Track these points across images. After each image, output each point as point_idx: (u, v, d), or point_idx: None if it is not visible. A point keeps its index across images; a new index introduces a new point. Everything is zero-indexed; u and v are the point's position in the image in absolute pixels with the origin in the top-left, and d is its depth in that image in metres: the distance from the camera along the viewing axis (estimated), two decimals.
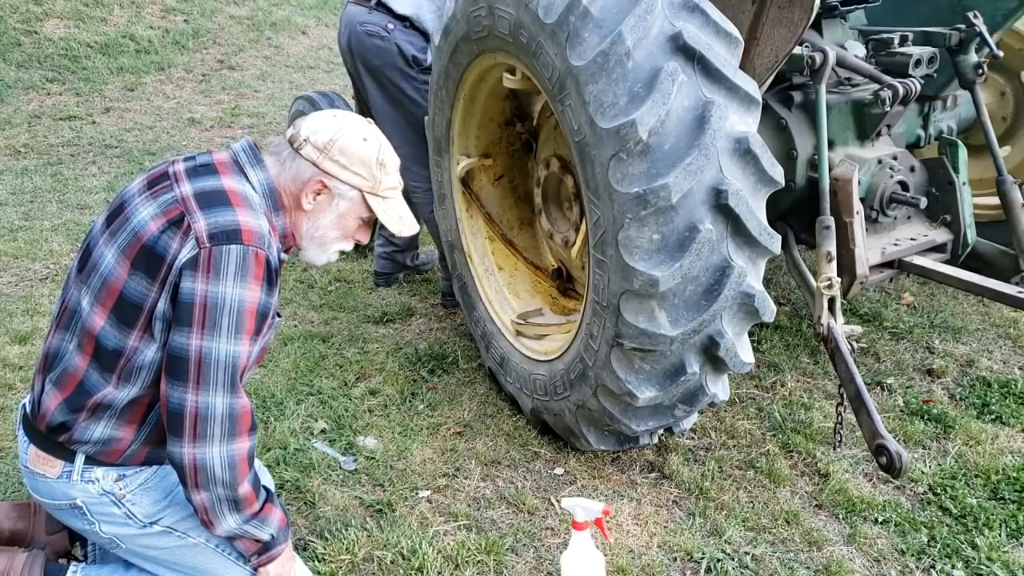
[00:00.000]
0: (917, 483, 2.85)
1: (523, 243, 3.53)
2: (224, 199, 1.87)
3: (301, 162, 1.95)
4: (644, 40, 2.27)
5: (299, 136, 1.95)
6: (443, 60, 3.08)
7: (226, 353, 1.82)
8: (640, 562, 2.49)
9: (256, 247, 1.84)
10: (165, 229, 1.84)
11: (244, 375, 1.89)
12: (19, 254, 4.63)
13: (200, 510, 1.91)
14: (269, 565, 2.06)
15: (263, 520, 1.99)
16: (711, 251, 2.31)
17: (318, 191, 1.98)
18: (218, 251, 1.80)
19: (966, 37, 3.23)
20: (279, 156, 1.98)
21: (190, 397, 1.82)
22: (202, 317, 1.79)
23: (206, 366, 1.81)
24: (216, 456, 1.85)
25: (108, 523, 2.01)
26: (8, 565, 2.08)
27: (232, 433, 1.86)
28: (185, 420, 1.82)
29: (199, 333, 1.80)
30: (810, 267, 3.09)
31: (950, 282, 3.17)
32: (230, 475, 1.87)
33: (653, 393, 2.49)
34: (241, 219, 1.84)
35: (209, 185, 1.90)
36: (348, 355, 3.62)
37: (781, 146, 3.09)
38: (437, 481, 2.84)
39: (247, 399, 1.90)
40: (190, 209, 1.85)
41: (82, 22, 8.79)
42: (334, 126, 1.96)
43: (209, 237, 1.81)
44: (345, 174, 1.96)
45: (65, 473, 1.97)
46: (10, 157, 6.46)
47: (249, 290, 1.82)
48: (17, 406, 3.19)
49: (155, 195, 1.91)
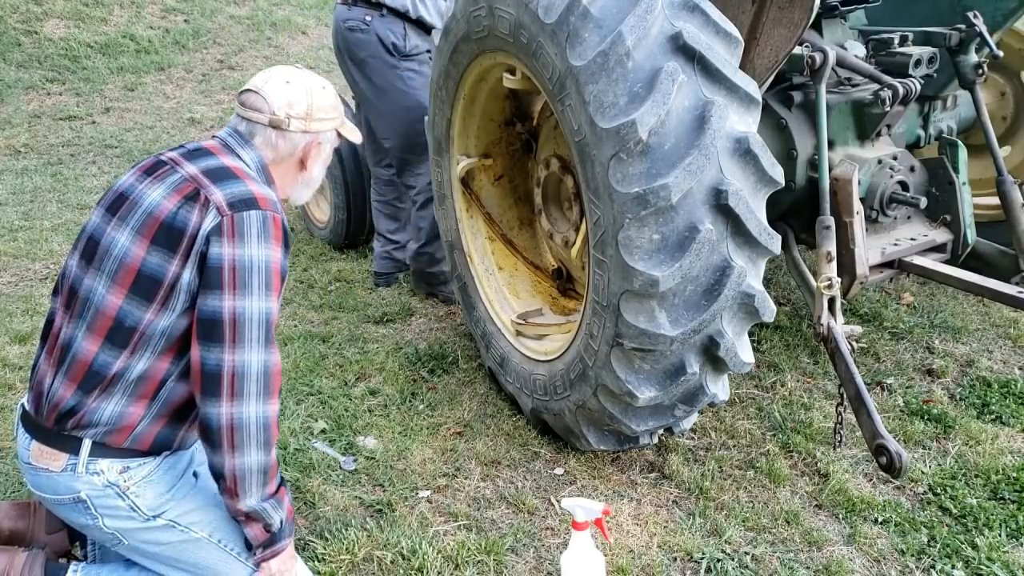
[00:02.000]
0: (917, 483, 2.85)
1: (523, 243, 3.53)
2: (231, 174, 1.98)
3: (292, 136, 2.08)
4: (644, 40, 2.27)
5: (279, 117, 2.04)
6: (443, 60, 3.08)
7: (258, 310, 1.91)
8: (640, 562, 2.49)
9: (272, 212, 1.96)
10: (182, 205, 1.92)
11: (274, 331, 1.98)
12: (19, 254, 4.64)
13: (229, 479, 1.93)
14: (271, 560, 2.07)
15: (279, 502, 2.02)
16: (711, 251, 2.31)
17: (314, 149, 2.13)
18: (239, 217, 1.90)
19: (966, 37, 3.23)
20: (264, 139, 2.08)
21: (227, 356, 1.89)
22: (232, 279, 1.89)
23: (241, 325, 1.89)
24: (252, 415, 1.91)
25: (111, 517, 2.01)
26: (8, 565, 2.08)
27: (267, 391, 1.93)
28: (223, 379, 1.89)
29: (231, 294, 1.89)
30: (810, 267, 3.09)
31: (950, 282, 3.17)
32: (264, 435, 1.93)
33: (653, 393, 2.49)
34: (253, 188, 1.96)
35: (212, 164, 2.00)
36: (348, 355, 3.62)
37: (781, 146, 3.09)
38: (437, 481, 2.84)
39: (278, 356, 1.97)
40: (203, 184, 1.94)
41: (82, 22, 8.79)
42: (300, 92, 2.07)
43: (229, 205, 1.91)
44: (326, 124, 2.13)
45: (70, 466, 1.97)
46: (10, 157, 6.46)
47: (273, 251, 1.94)
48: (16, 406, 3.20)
49: (159, 179, 1.99)
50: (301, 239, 4.93)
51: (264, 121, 2.05)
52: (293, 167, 2.14)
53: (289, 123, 2.05)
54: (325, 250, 4.78)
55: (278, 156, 2.09)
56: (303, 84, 2.09)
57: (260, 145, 2.07)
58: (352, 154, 4.46)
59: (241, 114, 2.08)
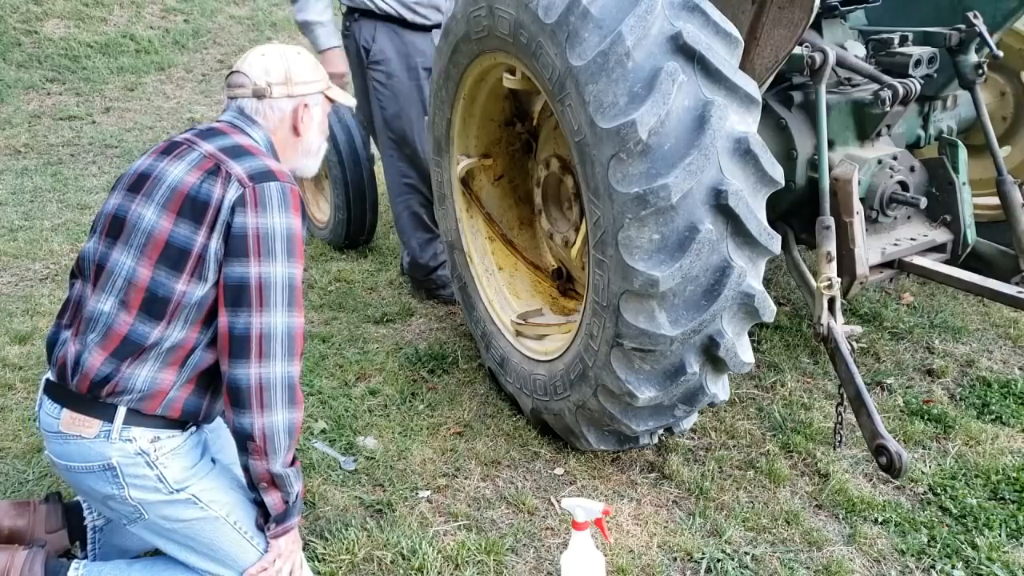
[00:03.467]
0: (917, 483, 2.85)
1: (523, 243, 3.53)
2: (246, 151, 2.07)
3: (278, 102, 2.16)
4: (644, 40, 2.27)
5: (260, 86, 2.13)
6: (443, 60, 3.08)
7: (283, 275, 2.00)
8: (640, 562, 2.49)
9: (290, 183, 2.06)
10: (204, 179, 2.01)
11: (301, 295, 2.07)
12: (19, 254, 4.64)
13: (260, 437, 2.00)
14: (281, 538, 2.13)
15: (298, 472, 2.11)
16: (711, 251, 2.31)
17: (303, 113, 2.20)
18: (260, 188, 2.00)
19: (966, 37, 3.22)
20: (259, 114, 2.16)
21: (255, 320, 1.98)
22: (256, 247, 1.98)
23: (267, 289, 1.99)
24: (279, 374, 2.00)
25: (137, 488, 2.03)
26: (8, 563, 2.08)
27: (291, 352, 2.02)
28: (251, 341, 1.98)
29: (256, 261, 1.98)
30: (810, 267, 3.09)
31: (950, 282, 3.17)
32: (290, 394, 2.03)
33: (653, 393, 2.49)
34: (269, 163, 2.06)
35: (227, 142, 2.09)
36: (348, 355, 3.62)
37: (781, 146, 3.09)
38: (437, 481, 2.84)
39: (302, 319, 2.07)
40: (222, 159, 2.03)
41: (82, 22, 8.80)
42: (275, 59, 2.16)
43: (250, 178, 2.00)
44: (310, 87, 2.20)
45: (103, 432, 2.01)
46: (10, 157, 6.46)
47: (293, 219, 2.04)
48: (16, 405, 3.20)
49: (178, 157, 2.07)
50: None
51: (249, 94, 2.14)
52: (288, 136, 2.21)
53: (271, 90, 2.13)
54: (325, 250, 4.78)
55: (270, 126, 2.17)
56: (276, 52, 2.18)
57: (258, 120, 2.16)
58: (352, 154, 4.46)
59: (230, 95, 2.17)
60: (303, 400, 2.09)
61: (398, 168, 4.01)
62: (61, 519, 2.30)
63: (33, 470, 2.83)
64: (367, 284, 4.37)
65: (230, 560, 2.12)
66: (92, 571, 2.16)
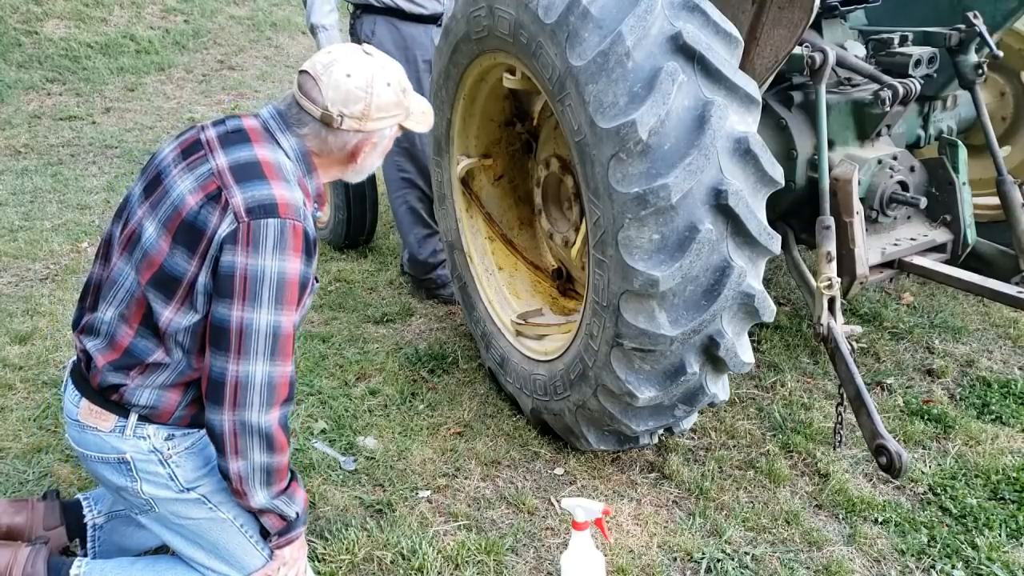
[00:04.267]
0: (917, 483, 2.85)
1: (523, 243, 3.53)
2: (259, 172, 1.90)
3: (344, 134, 1.97)
4: (644, 40, 2.27)
5: (331, 114, 1.93)
6: (443, 60, 3.08)
7: (266, 323, 1.87)
8: (640, 562, 2.49)
9: (293, 219, 1.88)
10: (204, 204, 1.88)
11: (291, 343, 1.94)
12: (19, 254, 4.63)
13: (235, 479, 1.95)
14: (286, 548, 2.12)
15: (290, 498, 2.05)
16: (711, 251, 2.31)
17: (367, 146, 2.01)
18: (256, 225, 1.84)
19: (966, 37, 3.23)
20: (313, 130, 1.97)
21: (231, 366, 1.87)
22: (243, 289, 1.85)
23: (247, 337, 1.86)
24: (254, 423, 1.90)
25: (150, 483, 2.04)
26: (11, 559, 2.09)
27: (269, 402, 1.91)
28: (226, 388, 1.88)
29: (240, 305, 1.85)
30: (810, 267, 3.09)
31: (950, 282, 3.17)
32: (267, 441, 1.94)
33: (653, 393, 2.49)
34: (277, 192, 1.88)
35: (244, 156, 1.93)
36: (348, 355, 3.62)
37: (781, 146, 3.09)
38: (437, 481, 2.84)
39: (288, 368, 1.94)
40: (227, 183, 1.88)
41: (82, 22, 8.79)
42: (360, 90, 1.92)
43: (247, 211, 1.85)
44: (384, 123, 1.99)
45: (118, 427, 2.01)
46: (10, 157, 6.46)
47: (288, 262, 1.88)
48: (17, 405, 3.20)
49: (191, 166, 1.94)
50: None
51: (316, 115, 1.94)
52: (341, 160, 2.04)
53: (342, 122, 1.93)
54: (325, 250, 4.78)
55: (326, 149, 2.00)
56: (365, 78, 1.92)
57: (307, 134, 1.98)
58: None
59: (296, 98, 1.96)
60: (286, 443, 1.99)
61: (395, 162, 4.02)
62: (59, 517, 2.30)
63: (33, 470, 2.83)
64: (367, 284, 4.37)
65: (235, 561, 2.13)
66: (94, 568, 2.16)
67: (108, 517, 2.34)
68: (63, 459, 2.89)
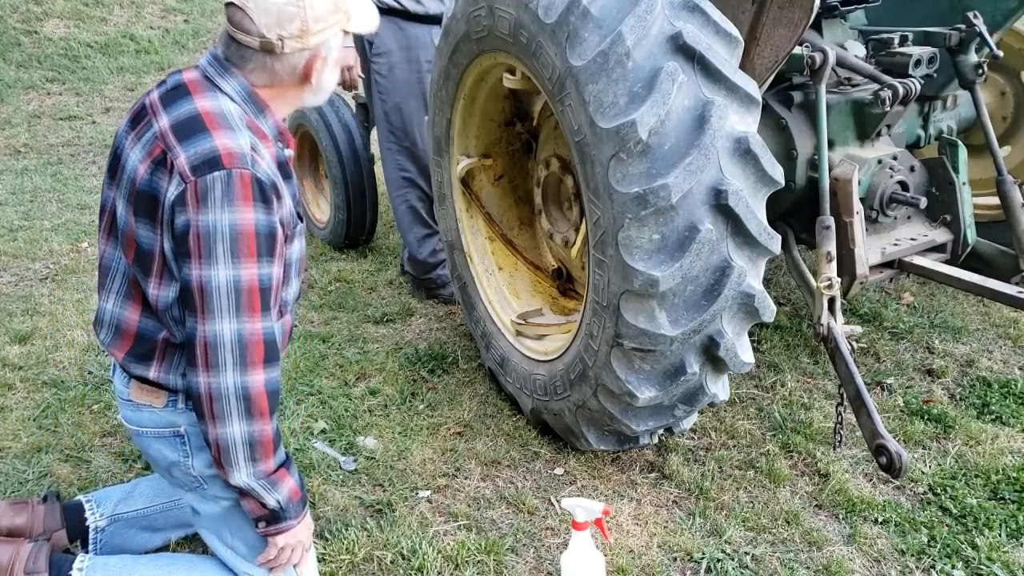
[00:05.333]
0: (917, 483, 2.85)
1: (523, 243, 3.53)
2: (200, 125, 1.83)
3: (289, 57, 1.88)
4: (644, 40, 2.27)
5: (270, 39, 1.84)
6: (443, 60, 3.08)
7: (226, 279, 1.80)
8: (640, 562, 2.49)
9: (239, 167, 1.80)
10: (153, 170, 1.84)
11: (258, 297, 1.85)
12: (19, 254, 4.64)
13: (214, 449, 1.89)
14: (279, 537, 2.04)
15: (273, 484, 1.95)
16: (711, 251, 2.31)
17: (318, 63, 1.92)
18: (202, 182, 1.77)
19: (966, 37, 3.23)
20: (258, 64, 1.89)
21: (199, 326, 1.82)
22: (197, 248, 1.79)
23: (208, 295, 1.80)
24: (230, 384, 1.83)
25: (201, 459, 2.05)
26: (14, 555, 2.09)
27: (244, 361, 1.84)
28: (197, 349, 1.83)
29: (197, 263, 1.80)
30: (810, 267, 3.09)
31: (950, 282, 3.17)
32: (246, 405, 1.86)
33: (653, 393, 2.49)
34: (219, 143, 1.80)
35: (184, 112, 1.85)
36: (348, 355, 3.62)
37: (781, 146, 3.09)
38: (437, 481, 2.84)
39: (259, 324, 1.85)
40: (169, 145, 1.82)
41: (82, 22, 8.80)
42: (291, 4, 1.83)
43: (192, 170, 1.78)
44: (328, 32, 1.90)
45: (171, 402, 2.02)
46: (10, 157, 6.46)
47: (240, 212, 1.79)
48: (17, 405, 3.20)
49: (139, 135, 1.91)
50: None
51: (255, 45, 1.85)
52: (295, 84, 1.94)
53: (283, 45, 1.84)
54: (325, 250, 4.78)
55: (276, 79, 1.91)
56: None
57: (253, 70, 1.89)
58: (352, 154, 4.46)
59: (231, 34, 1.87)
60: (271, 409, 1.90)
61: (396, 161, 4.02)
62: (60, 519, 2.30)
63: (33, 470, 2.83)
64: (367, 284, 4.37)
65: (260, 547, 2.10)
66: (97, 564, 2.16)
67: (110, 520, 2.33)
68: (63, 459, 2.89)
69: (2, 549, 2.10)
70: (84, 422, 3.09)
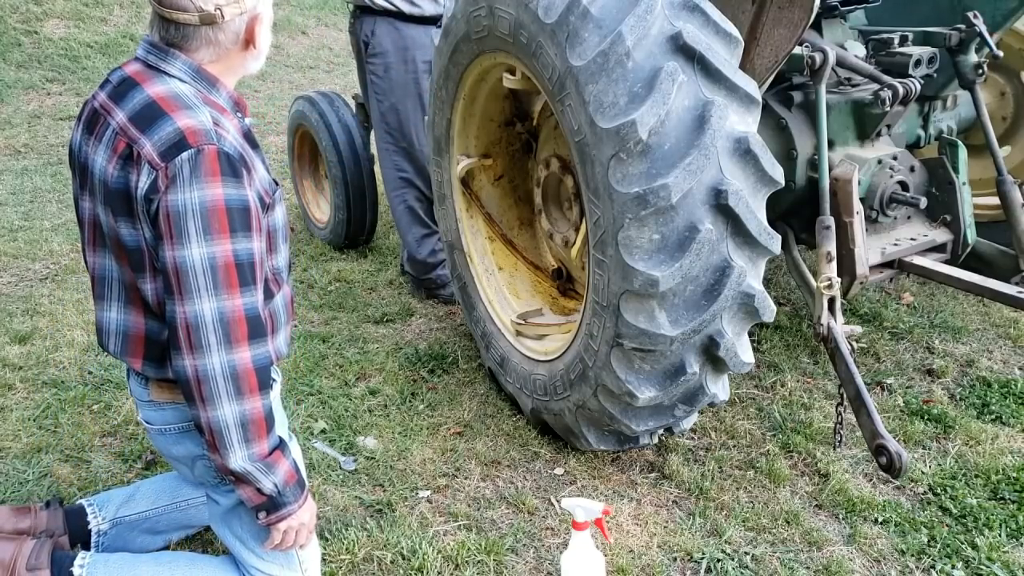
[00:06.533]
0: (917, 483, 2.85)
1: (523, 243, 3.53)
2: (157, 110, 1.81)
3: (231, 24, 1.86)
4: (644, 40, 2.27)
5: (209, 11, 1.82)
6: (443, 60, 3.08)
7: (200, 257, 1.77)
8: (640, 562, 2.49)
9: (204, 144, 1.78)
10: (122, 166, 1.81)
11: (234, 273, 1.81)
12: (19, 254, 4.64)
13: (207, 433, 1.85)
14: (280, 524, 2.01)
15: (268, 466, 1.92)
16: (711, 251, 2.31)
17: (256, 24, 1.91)
18: (171, 166, 1.75)
19: (966, 37, 3.23)
20: (201, 40, 1.87)
21: (178, 308, 1.79)
22: (168, 228, 1.76)
23: (184, 275, 1.77)
24: (216, 365, 1.80)
25: None
26: (16, 551, 2.09)
27: (228, 340, 1.80)
28: (179, 331, 1.80)
29: (170, 244, 1.77)
30: (810, 267, 3.09)
31: (950, 282, 3.17)
32: (235, 384, 1.82)
33: (653, 393, 2.49)
34: (181, 124, 1.79)
35: (138, 102, 1.84)
36: (348, 355, 3.62)
37: (781, 146, 3.09)
38: (437, 481, 2.84)
39: (240, 300, 1.82)
40: (132, 137, 1.80)
41: (82, 22, 8.79)
42: None
43: (160, 156, 1.76)
44: None
45: None
46: (10, 157, 6.46)
47: (208, 188, 1.77)
48: (16, 405, 3.20)
49: (99, 137, 1.88)
50: (301, 239, 4.93)
51: (194, 20, 1.82)
52: (239, 51, 1.92)
53: (223, 13, 1.82)
54: (325, 250, 4.78)
55: (221, 51, 1.89)
56: None
57: (195, 49, 1.87)
58: (352, 154, 4.46)
59: (166, 16, 1.83)
60: (260, 386, 1.87)
61: (394, 162, 4.03)
62: (62, 524, 2.29)
63: (33, 470, 2.83)
64: (367, 284, 4.37)
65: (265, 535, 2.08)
66: (98, 561, 2.15)
67: (113, 523, 2.33)
68: (63, 459, 2.89)
69: (4, 546, 2.10)
70: (84, 422, 3.09)
